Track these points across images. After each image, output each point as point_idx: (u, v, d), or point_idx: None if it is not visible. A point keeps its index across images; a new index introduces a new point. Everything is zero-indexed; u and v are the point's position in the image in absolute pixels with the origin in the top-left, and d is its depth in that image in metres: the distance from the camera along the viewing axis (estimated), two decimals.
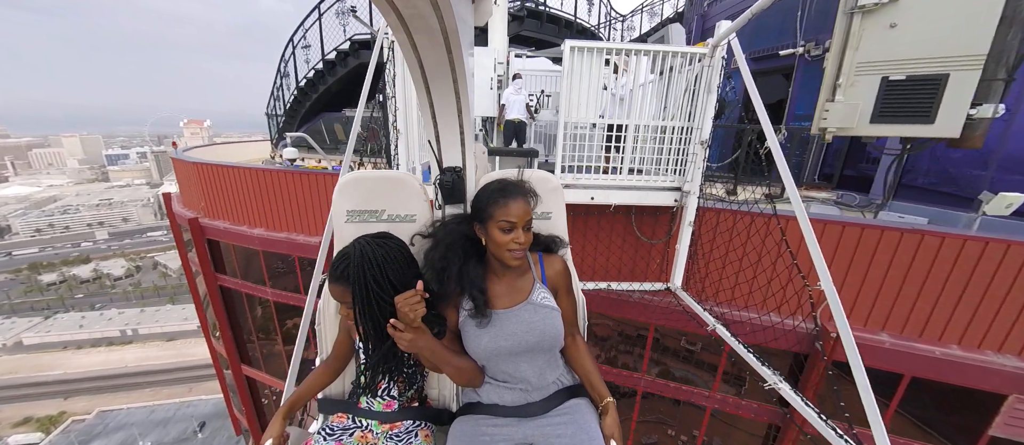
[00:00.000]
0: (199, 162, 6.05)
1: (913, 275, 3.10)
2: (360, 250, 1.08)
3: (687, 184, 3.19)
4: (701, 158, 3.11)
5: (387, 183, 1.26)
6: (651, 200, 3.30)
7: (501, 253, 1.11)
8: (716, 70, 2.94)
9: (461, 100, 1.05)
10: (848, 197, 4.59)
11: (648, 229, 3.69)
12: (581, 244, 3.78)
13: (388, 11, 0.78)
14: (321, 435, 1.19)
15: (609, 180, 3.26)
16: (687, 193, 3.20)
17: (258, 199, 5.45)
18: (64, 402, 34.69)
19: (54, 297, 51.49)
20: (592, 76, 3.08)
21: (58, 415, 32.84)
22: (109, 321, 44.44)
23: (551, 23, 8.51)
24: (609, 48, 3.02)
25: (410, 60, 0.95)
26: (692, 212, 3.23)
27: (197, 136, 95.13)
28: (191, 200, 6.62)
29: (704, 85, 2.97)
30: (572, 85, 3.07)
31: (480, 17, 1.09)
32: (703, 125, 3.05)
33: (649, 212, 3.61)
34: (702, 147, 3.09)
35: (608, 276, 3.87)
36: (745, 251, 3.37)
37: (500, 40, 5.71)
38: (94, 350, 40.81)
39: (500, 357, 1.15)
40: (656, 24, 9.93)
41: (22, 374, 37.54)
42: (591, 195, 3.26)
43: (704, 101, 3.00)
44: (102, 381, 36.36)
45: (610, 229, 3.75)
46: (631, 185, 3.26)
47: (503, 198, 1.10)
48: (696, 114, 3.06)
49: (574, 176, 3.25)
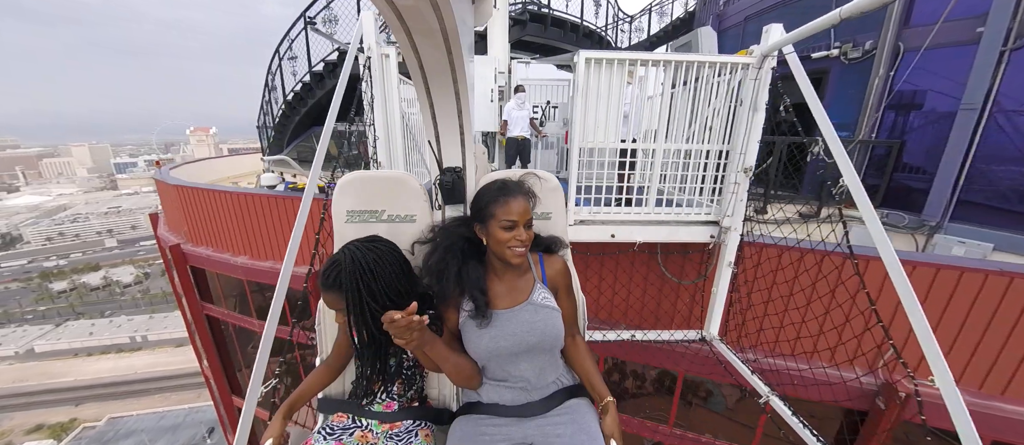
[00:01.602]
0: (180, 184, 5.54)
1: (1003, 322, 2.55)
2: (351, 256, 1.05)
3: (727, 218, 2.63)
4: (744, 188, 2.56)
5: (387, 183, 1.24)
6: (682, 236, 2.75)
7: (503, 251, 1.10)
8: (764, 84, 2.38)
9: (461, 100, 1.03)
10: (895, 216, 4.01)
11: (676, 266, 3.14)
12: (596, 284, 3.24)
13: (388, 11, 0.77)
14: (321, 434, 1.17)
15: (632, 214, 2.71)
16: (727, 229, 2.65)
17: (241, 225, 4.93)
18: (75, 409, 34.68)
19: (65, 305, 51.46)
20: (611, 93, 2.53)
21: (69, 422, 32.83)
22: (118, 328, 44.31)
23: (556, 27, 7.81)
24: (632, 59, 2.47)
25: (410, 60, 0.94)
26: (733, 250, 2.67)
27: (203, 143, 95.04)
28: (175, 224, 6.12)
29: (750, 102, 2.42)
30: (587, 104, 2.52)
31: (480, 18, 1.06)
32: (747, 149, 2.50)
33: (678, 247, 3.06)
34: (746, 175, 2.53)
35: (628, 319, 3.34)
36: (792, 290, 2.82)
37: (500, 47, 5.13)
38: (104, 357, 40.75)
39: (500, 357, 1.13)
40: (667, 25, 9.27)
41: (34, 381, 37.53)
42: (611, 232, 2.71)
43: (749, 121, 2.45)
44: (112, 388, 36.26)
45: (630, 267, 3.20)
46: (659, 220, 2.71)
47: (504, 197, 1.09)
48: (738, 135, 2.51)
49: (590, 210, 2.71)
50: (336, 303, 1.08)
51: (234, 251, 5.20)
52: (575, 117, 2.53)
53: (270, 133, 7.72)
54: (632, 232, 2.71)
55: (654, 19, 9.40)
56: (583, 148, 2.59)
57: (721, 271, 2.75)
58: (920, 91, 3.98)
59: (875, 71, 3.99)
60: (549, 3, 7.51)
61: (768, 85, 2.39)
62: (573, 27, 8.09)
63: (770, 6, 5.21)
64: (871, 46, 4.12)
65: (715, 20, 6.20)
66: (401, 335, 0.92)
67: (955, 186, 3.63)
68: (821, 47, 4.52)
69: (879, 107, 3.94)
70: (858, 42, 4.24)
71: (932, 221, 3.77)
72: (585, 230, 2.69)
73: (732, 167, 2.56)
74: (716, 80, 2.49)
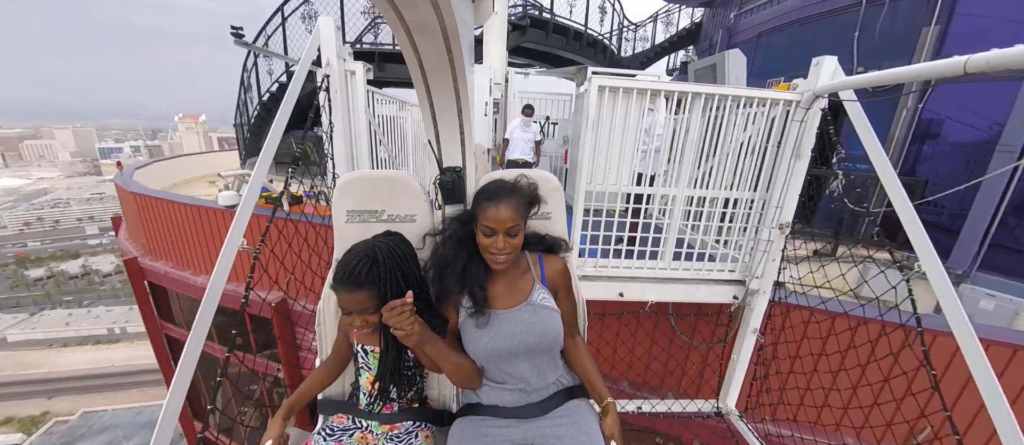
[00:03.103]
0: (139, 192, 4.93)
1: None
2: (387, 248, 1.04)
3: (755, 279, 2.21)
4: (778, 247, 2.14)
5: (387, 183, 1.22)
6: (701, 295, 2.32)
7: (485, 257, 1.10)
8: (812, 128, 1.96)
9: (461, 100, 1.02)
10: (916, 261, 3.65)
11: (687, 324, 2.71)
12: (594, 341, 2.79)
13: (388, 10, 0.75)
14: (321, 435, 1.15)
15: (646, 269, 2.27)
16: (754, 292, 2.23)
17: (202, 241, 4.37)
18: (47, 402, 33.24)
19: (41, 293, 49.28)
20: (628, 128, 2.08)
21: (41, 415, 31.46)
22: (96, 319, 42.57)
23: (558, 34, 7.15)
24: (656, 89, 2.01)
25: (410, 60, 0.92)
26: (759, 315, 2.26)
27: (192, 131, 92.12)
28: (135, 233, 5.50)
29: (793, 147, 1.99)
30: (598, 139, 2.07)
31: (479, 17, 1.03)
32: (785, 201, 2.08)
33: (693, 306, 2.63)
34: (781, 232, 2.11)
35: (631, 375, 2.90)
36: (824, 353, 2.42)
37: (497, 55, 4.62)
38: (80, 349, 39.10)
39: (499, 357, 1.11)
40: (672, 35, 8.83)
41: (5, 372, 35.82)
42: (620, 290, 2.27)
43: (790, 168, 2.02)
44: (87, 381, 34.78)
45: (633, 321, 2.77)
46: (676, 277, 2.28)
47: (487, 202, 1.06)
48: (776, 184, 2.09)
49: (596, 264, 2.26)
50: (363, 302, 1.01)
51: (195, 269, 4.64)
52: (583, 155, 2.07)
53: (247, 134, 7.09)
54: (644, 290, 2.27)
55: (660, 28, 8.96)
56: (591, 192, 2.14)
57: (743, 337, 2.33)
58: (950, 126, 3.64)
59: (903, 102, 3.63)
60: (552, 8, 6.92)
61: (816, 128, 1.97)
62: (577, 35, 7.49)
63: (788, 22, 4.79)
64: None
65: (725, 34, 5.80)
66: (401, 325, 0.91)
67: (986, 233, 3.28)
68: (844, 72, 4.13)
69: (905, 142, 3.58)
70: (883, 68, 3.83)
71: (958, 269, 3.41)
72: (589, 286, 2.24)
73: (766, 221, 2.14)
74: (743, 112, 2.06)
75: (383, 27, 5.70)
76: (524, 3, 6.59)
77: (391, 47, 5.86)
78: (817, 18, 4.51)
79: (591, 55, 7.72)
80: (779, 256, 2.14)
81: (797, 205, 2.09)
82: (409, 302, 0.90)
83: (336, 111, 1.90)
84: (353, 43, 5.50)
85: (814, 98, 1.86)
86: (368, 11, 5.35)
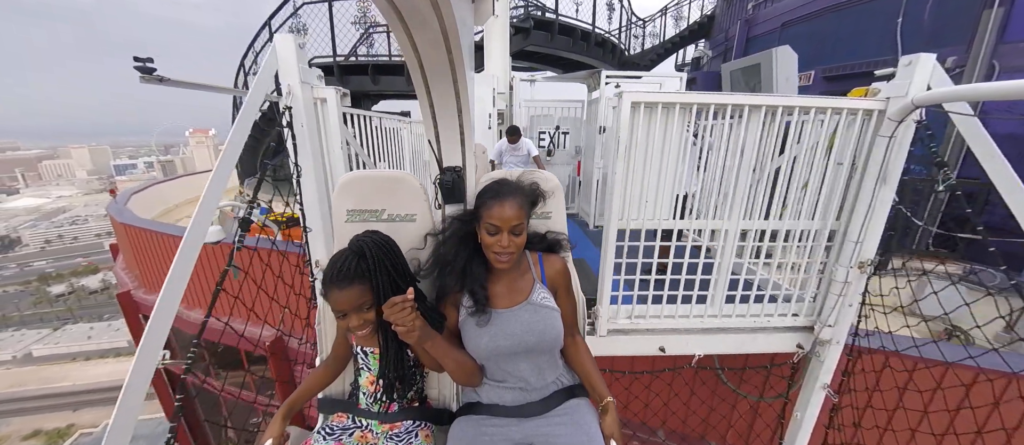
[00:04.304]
0: (129, 224, 4.63)
1: None
2: (372, 240, 1.03)
3: (826, 328, 1.79)
4: (857, 289, 1.72)
5: (387, 183, 1.20)
6: (756, 346, 1.91)
7: (488, 255, 1.08)
8: (903, 146, 1.54)
9: (461, 100, 1.02)
10: (985, 275, 3.19)
11: (734, 372, 2.30)
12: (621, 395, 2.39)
13: (388, 11, 0.76)
14: (321, 435, 1.14)
15: (692, 319, 1.86)
16: (825, 342, 1.82)
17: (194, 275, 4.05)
18: (73, 414, 33.76)
19: (63, 308, 50.06)
20: (669, 152, 1.67)
21: (67, 428, 31.96)
22: (117, 331, 43.04)
23: (564, 35, 6.62)
24: (702, 102, 1.60)
25: (410, 60, 0.91)
26: (830, 369, 1.84)
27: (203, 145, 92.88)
28: (130, 264, 5.21)
29: (877, 170, 1.57)
30: (631, 167, 1.66)
31: (479, 18, 1.03)
32: (866, 235, 1.66)
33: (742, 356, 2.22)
34: (862, 272, 1.69)
35: (668, 424, 2.50)
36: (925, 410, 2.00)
37: (500, 61, 4.20)
38: (102, 361, 39.63)
39: (499, 357, 1.10)
40: (684, 29, 8.27)
41: (32, 386, 36.43)
42: (660, 344, 1.87)
43: (874, 195, 1.61)
44: (111, 393, 35.15)
45: (671, 373, 2.36)
46: (727, 326, 1.87)
47: (492, 200, 1.05)
48: (853, 213, 1.67)
49: (631, 312, 1.86)
50: (357, 297, 0.99)
51: (187, 303, 4.33)
52: (614, 187, 1.67)
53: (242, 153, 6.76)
54: (688, 343, 1.87)
55: (669, 23, 8.42)
56: (625, 230, 1.73)
57: (810, 392, 1.91)
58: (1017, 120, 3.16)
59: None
60: (557, 8, 6.36)
61: (908, 147, 1.55)
62: (584, 35, 6.90)
63: (818, 10, 4.28)
64: (954, 64, 3.30)
65: (743, 26, 5.31)
66: (403, 321, 0.91)
67: None
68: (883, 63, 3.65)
69: (964, 142, 3.12)
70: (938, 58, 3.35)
71: None
72: (622, 342, 1.84)
73: (841, 256, 1.72)
74: (809, 124, 1.64)
75: (378, 38, 5.32)
76: (526, 3, 6.13)
77: (387, 58, 5.47)
78: (853, 4, 4.00)
79: (600, 55, 7.22)
80: (858, 301, 1.72)
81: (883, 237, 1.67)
82: (410, 298, 0.90)
83: (303, 149, 1.52)
84: (347, 55, 5.14)
85: (910, 110, 1.44)
86: (359, 21, 4.99)
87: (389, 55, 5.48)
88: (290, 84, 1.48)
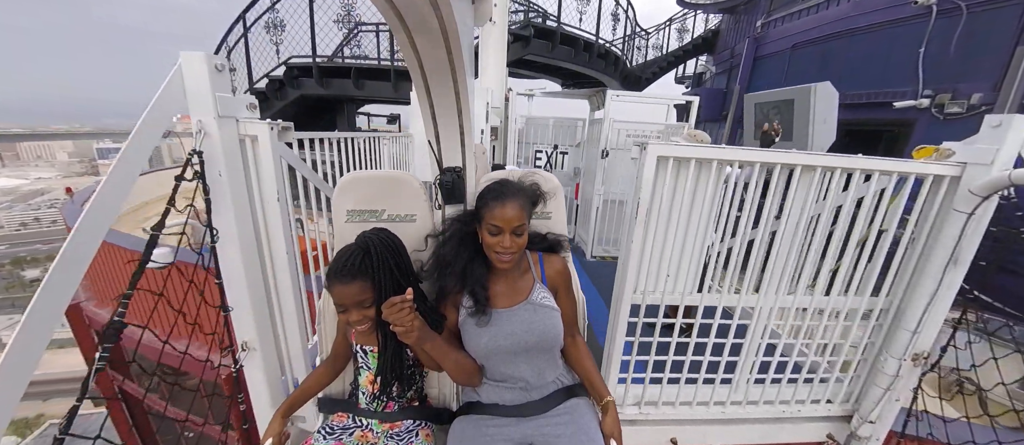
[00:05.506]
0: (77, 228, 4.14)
1: None
2: (377, 237, 1.03)
3: (866, 424, 1.51)
4: (910, 383, 1.43)
5: (387, 183, 1.19)
6: (783, 436, 1.62)
7: (490, 256, 1.07)
8: (981, 225, 1.25)
9: (461, 100, 1.00)
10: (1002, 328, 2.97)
11: None
12: None
13: (388, 11, 0.75)
14: (321, 434, 1.13)
15: (711, 407, 1.55)
16: (862, 439, 1.53)
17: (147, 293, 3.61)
18: (43, 404, 32.42)
19: None
20: (697, 213, 1.36)
21: (35, 418, 30.71)
22: None
23: (565, 45, 6.24)
24: (740, 160, 1.28)
25: (410, 60, 0.90)
26: None
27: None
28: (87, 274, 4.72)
29: (948, 250, 1.28)
30: (652, 232, 1.34)
31: (479, 18, 1.00)
32: (927, 323, 1.37)
33: None
34: (915, 366, 1.41)
35: None
36: None
37: (496, 73, 3.84)
38: (76, 349, 38.06)
39: (499, 356, 1.09)
40: (687, 43, 7.99)
41: None
42: (672, 435, 1.56)
43: (941, 277, 1.32)
44: None
45: None
46: (752, 416, 1.57)
47: (494, 201, 1.04)
48: (906, 293, 1.39)
49: (641, 400, 1.54)
50: (359, 294, 1.00)
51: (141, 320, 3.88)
52: (630, 258, 1.34)
53: None
54: (705, 435, 1.57)
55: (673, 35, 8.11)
56: (640, 305, 1.42)
57: None
58: None
59: None
60: (559, 16, 5.93)
61: (986, 226, 1.26)
62: (586, 46, 6.52)
63: (833, 33, 4.03)
64: (980, 101, 3.08)
65: (751, 45, 5.04)
66: (402, 321, 0.89)
67: None
68: (903, 94, 3.43)
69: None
70: (960, 93, 3.16)
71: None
72: (628, 435, 1.53)
73: (891, 345, 1.43)
74: (863, 187, 1.35)
75: (364, 37, 4.88)
76: (526, 8, 5.76)
77: (376, 62, 5.04)
78: (872, 29, 3.76)
79: (601, 67, 6.88)
80: (910, 397, 1.44)
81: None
82: (409, 298, 0.88)
83: (221, 207, 1.14)
84: (330, 57, 4.70)
85: (1005, 185, 1.15)
86: (343, 20, 4.56)
87: (378, 59, 5.04)
88: (202, 121, 1.11)
